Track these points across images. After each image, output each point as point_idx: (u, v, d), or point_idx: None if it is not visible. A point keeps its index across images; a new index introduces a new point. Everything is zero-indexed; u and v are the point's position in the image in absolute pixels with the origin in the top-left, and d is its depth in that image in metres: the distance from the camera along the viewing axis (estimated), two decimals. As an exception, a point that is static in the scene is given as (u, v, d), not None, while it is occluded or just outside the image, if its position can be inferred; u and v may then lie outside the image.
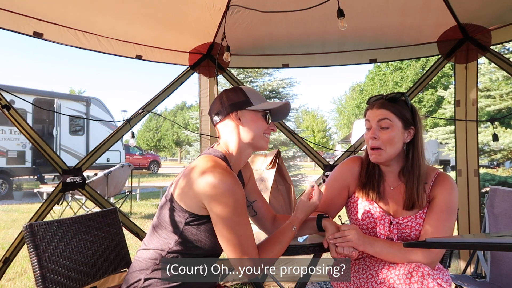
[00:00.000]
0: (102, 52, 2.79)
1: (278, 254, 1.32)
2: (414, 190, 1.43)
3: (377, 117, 1.45)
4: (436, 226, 1.40)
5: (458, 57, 2.84)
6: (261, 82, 10.78)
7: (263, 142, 1.39)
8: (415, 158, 1.46)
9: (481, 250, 2.24)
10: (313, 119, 36.55)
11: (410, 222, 1.45)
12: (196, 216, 1.25)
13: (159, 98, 3.01)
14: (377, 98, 1.51)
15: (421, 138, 1.48)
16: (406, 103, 1.47)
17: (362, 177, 1.54)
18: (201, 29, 2.86)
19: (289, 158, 10.40)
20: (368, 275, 1.43)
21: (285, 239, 1.34)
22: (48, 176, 11.81)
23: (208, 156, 1.32)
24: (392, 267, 1.36)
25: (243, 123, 1.36)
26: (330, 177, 1.64)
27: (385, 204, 1.51)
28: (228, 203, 1.20)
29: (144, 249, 1.33)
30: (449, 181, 1.46)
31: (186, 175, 1.27)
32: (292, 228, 1.38)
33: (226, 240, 1.22)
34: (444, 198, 1.42)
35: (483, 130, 7.77)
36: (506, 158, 7.89)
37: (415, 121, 1.47)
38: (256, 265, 1.24)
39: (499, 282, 2.15)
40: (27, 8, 2.30)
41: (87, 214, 1.72)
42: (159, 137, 39.69)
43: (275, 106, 1.39)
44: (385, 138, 1.43)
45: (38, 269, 1.39)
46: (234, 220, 1.21)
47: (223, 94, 1.40)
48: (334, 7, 2.00)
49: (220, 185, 1.19)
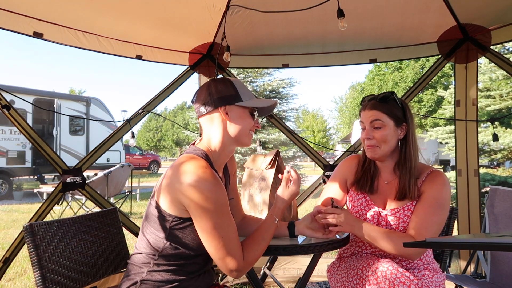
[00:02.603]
0: (102, 52, 2.78)
1: (263, 251, 1.31)
2: (406, 182, 1.50)
3: (369, 118, 1.53)
4: (423, 219, 1.44)
5: (458, 57, 2.84)
6: (261, 82, 10.78)
7: (247, 139, 1.36)
8: (407, 152, 1.53)
9: (481, 250, 2.24)
10: (313, 119, 36.56)
11: (398, 213, 1.51)
12: (180, 219, 1.22)
13: (159, 98, 3.00)
14: (369, 99, 1.58)
15: (413, 133, 1.55)
16: (396, 101, 1.54)
17: (358, 172, 1.65)
18: (201, 29, 2.86)
19: (289, 158, 10.40)
20: (358, 271, 1.44)
21: (268, 234, 1.33)
22: (48, 176, 11.81)
23: (188, 155, 1.27)
24: (381, 263, 1.37)
25: (231, 118, 1.31)
26: (332, 175, 1.75)
27: (377, 197, 1.59)
28: (208, 205, 1.16)
29: (136, 254, 1.31)
30: (440, 177, 1.50)
31: (166, 176, 1.24)
32: (274, 221, 1.35)
33: (208, 242, 1.20)
34: (433, 193, 1.47)
35: (483, 130, 7.77)
36: (506, 158, 7.89)
37: (406, 117, 1.54)
38: (240, 265, 1.22)
39: (499, 282, 2.15)
40: (27, 8, 2.30)
41: (87, 214, 1.72)
42: (159, 137, 39.72)
43: (264, 105, 1.36)
44: (379, 137, 1.51)
45: (38, 269, 1.39)
46: (215, 222, 1.18)
47: (212, 84, 1.32)
48: (334, 7, 2.00)
49: (199, 186, 1.15)
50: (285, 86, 10.85)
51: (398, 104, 1.53)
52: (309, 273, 1.58)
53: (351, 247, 1.63)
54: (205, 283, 1.34)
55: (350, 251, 1.64)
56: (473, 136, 2.82)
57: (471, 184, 2.81)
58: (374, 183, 1.60)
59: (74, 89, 33.06)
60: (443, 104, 16.27)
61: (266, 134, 9.78)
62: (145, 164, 21.14)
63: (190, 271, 1.28)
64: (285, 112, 10.98)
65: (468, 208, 2.82)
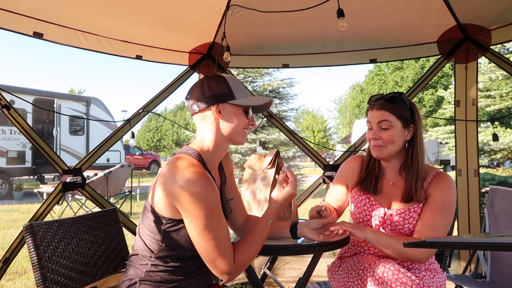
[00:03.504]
0: (102, 52, 2.78)
1: (255, 253, 1.28)
2: (413, 184, 1.48)
3: (377, 118, 1.51)
4: (431, 223, 1.42)
5: (458, 57, 2.84)
6: (261, 82, 10.79)
7: (241, 138, 1.33)
8: (414, 154, 1.51)
9: (481, 250, 2.24)
10: (313, 119, 36.55)
11: (404, 214, 1.49)
12: (173, 221, 1.21)
13: (159, 98, 3.00)
14: (376, 98, 1.55)
15: (420, 135, 1.53)
16: (404, 102, 1.51)
17: (362, 172, 1.63)
18: (201, 29, 2.86)
19: (289, 158, 10.41)
20: (359, 271, 1.44)
21: (261, 237, 1.29)
22: (48, 176, 11.82)
23: (179, 155, 1.26)
24: (382, 264, 1.37)
25: (224, 116, 1.28)
26: (334, 178, 1.75)
27: (382, 198, 1.57)
28: (198, 205, 1.14)
29: (134, 255, 1.31)
30: (447, 179, 1.49)
31: (159, 178, 1.23)
32: (267, 223, 1.31)
33: (198, 243, 1.18)
34: (440, 195, 1.46)
35: (483, 130, 7.77)
36: (506, 158, 7.89)
37: (414, 119, 1.52)
38: (231, 268, 1.19)
39: (499, 282, 2.15)
40: (27, 8, 2.30)
41: (87, 214, 1.72)
42: (159, 137, 39.73)
43: (257, 103, 1.34)
44: (386, 138, 1.49)
45: (38, 269, 1.39)
46: (205, 223, 1.16)
47: (205, 82, 1.30)
48: (334, 7, 1.99)
49: (189, 187, 1.14)
50: (285, 86, 10.86)
51: (407, 105, 1.51)
52: (309, 273, 1.58)
53: (352, 248, 1.63)
54: (204, 283, 1.34)
55: (351, 251, 1.63)
56: (473, 136, 2.82)
57: (471, 184, 2.81)
58: (378, 183, 1.58)
59: (74, 89, 33.09)
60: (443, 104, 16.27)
61: (266, 134, 9.79)
62: (145, 164, 21.14)
63: (188, 272, 1.28)
64: (285, 112, 10.99)
65: (468, 208, 2.82)
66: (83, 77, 66.87)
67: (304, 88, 78.29)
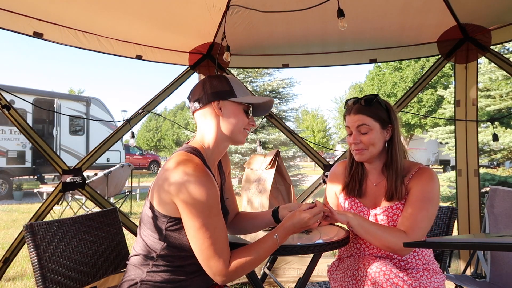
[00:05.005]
0: (102, 52, 2.78)
1: (252, 263, 1.21)
2: (393, 183, 1.51)
3: (355, 123, 1.54)
4: (412, 215, 1.44)
5: (458, 57, 2.84)
6: (261, 82, 10.79)
7: (241, 137, 1.33)
8: (393, 153, 1.54)
9: (481, 250, 2.24)
10: (313, 119, 36.53)
11: (386, 212, 1.52)
12: (174, 219, 1.20)
13: (159, 98, 3.00)
14: (353, 102, 1.58)
15: (398, 134, 1.55)
16: (380, 103, 1.54)
17: (346, 177, 1.67)
18: (201, 29, 2.86)
19: (289, 158, 10.41)
20: (354, 272, 1.45)
21: (263, 249, 1.24)
22: (48, 176, 11.82)
23: (179, 153, 1.25)
24: (375, 264, 1.37)
25: (224, 114, 1.29)
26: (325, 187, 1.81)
27: (367, 199, 1.61)
28: (196, 202, 1.13)
29: (135, 255, 1.31)
30: (428, 173, 1.51)
31: (159, 175, 1.23)
32: (273, 236, 1.25)
33: (193, 241, 1.17)
34: (420, 188, 1.48)
35: (483, 130, 7.76)
36: (506, 158, 7.88)
37: (391, 119, 1.55)
38: (225, 270, 1.17)
39: (499, 282, 2.15)
40: (27, 8, 2.30)
41: (87, 214, 1.72)
42: (159, 137, 39.72)
43: (258, 101, 1.34)
44: (366, 141, 1.52)
45: (39, 269, 1.39)
46: (202, 221, 1.14)
47: (207, 80, 1.32)
48: (334, 7, 1.99)
49: (188, 183, 1.13)
50: (285, 86, 10.87)
51: (383, 106, 1.54)
52: (309, 273, 1.58)
53: (350, 248, 1.64)
54: (205, 283, 1.33)
55: (348, 251, 1.65)
56: (473, 136, 2.82)
57: (471, 184, 2.81)
58: (362, 186, 1.62)
59: (73, 89, 33.10)
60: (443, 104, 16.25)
61: (266, 134, 9.79)
62: (145, 164, 21.14)
63: (189, 271, 1.28)
64: (285, 112, 11.00)
65: (468, 208, 2.82)
66: (83, 77, 66.95)
67: (304, 88, 78.37)
